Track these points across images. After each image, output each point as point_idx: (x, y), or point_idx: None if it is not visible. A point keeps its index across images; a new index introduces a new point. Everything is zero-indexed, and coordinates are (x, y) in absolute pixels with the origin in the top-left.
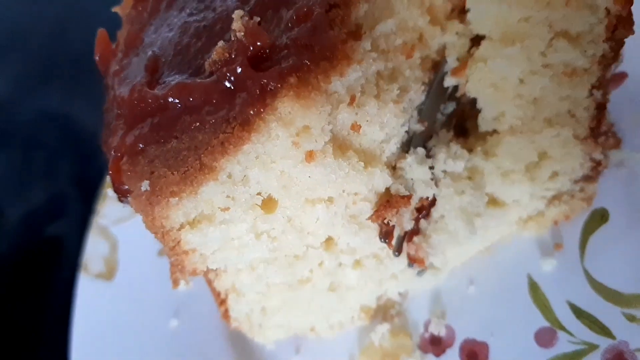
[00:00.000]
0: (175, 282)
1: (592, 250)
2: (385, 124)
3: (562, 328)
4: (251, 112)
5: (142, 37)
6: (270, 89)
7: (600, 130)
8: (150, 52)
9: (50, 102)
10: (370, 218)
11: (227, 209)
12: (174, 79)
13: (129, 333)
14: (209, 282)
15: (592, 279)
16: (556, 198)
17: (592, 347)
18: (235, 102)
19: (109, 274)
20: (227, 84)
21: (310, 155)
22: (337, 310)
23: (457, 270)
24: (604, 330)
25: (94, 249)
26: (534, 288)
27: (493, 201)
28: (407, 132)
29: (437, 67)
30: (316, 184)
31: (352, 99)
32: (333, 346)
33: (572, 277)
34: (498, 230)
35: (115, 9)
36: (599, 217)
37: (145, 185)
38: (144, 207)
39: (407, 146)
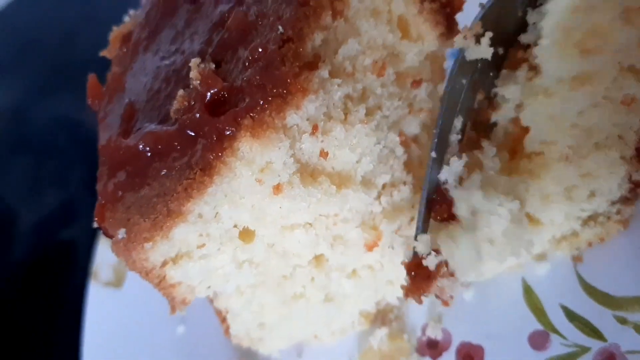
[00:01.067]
0: (173, 309)
1: (584, 254)
2: (355, 145)
3: (555, 331)
4: (211, 156)
5: (124, 81)
6: (226, 133)
7: None
8: (127, 100)
9: (63, 109)
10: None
11: (203, 245)
12: (146, 127)
13: (137, 339)
14: (210, 301)
15: (585, 283)
16: (592, 219)
17: (584, 349)
18: (197, 147)
19: (117, 281)
20: (189, 131)
21: (277, 188)
22: (337, 318)
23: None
24: (595, 333)
25: (103, 257)
26: (528, 292)
27: (528, 218)
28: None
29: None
30: (289, 213)
31: (315, 128)
32: (334, 350)
33: (565, 280)
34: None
35: (103, 53)
36: None
37: (122, 233)
38: (122, 253)
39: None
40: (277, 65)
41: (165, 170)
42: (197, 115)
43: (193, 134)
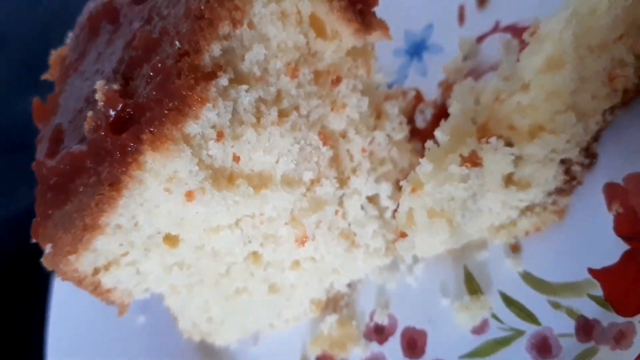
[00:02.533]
0: (120, 312)
1: (522, 242)
2: (270, 147)
3: (493, 316)
4: (118, 171)
5: (58, 103)
6: (129, 148)
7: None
8: (55, 122)
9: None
10: None
11: (127, 253)
12: (67, 148)
13: (98, 330)
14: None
15: (522, 270)
16: (528, 209)
17: (519, 332)
18: (105, 164)
19: None
20: (98, 150)
21: (189, 195)
22: (287, 307)
23: (400, 261)
24: (530, 317)
25: None
26: (468, 278)
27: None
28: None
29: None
30: (208, 216)
31: (220, 135)
32: (287, 337)
33: (504, 268)
34: (470, 233)
35: (45, 76)
36: None
37: (48, 247)
38: (52, 265)
39: None
40: (172, 79)
41: (82, 187)
42: (103, 134)
43: (103, 151)
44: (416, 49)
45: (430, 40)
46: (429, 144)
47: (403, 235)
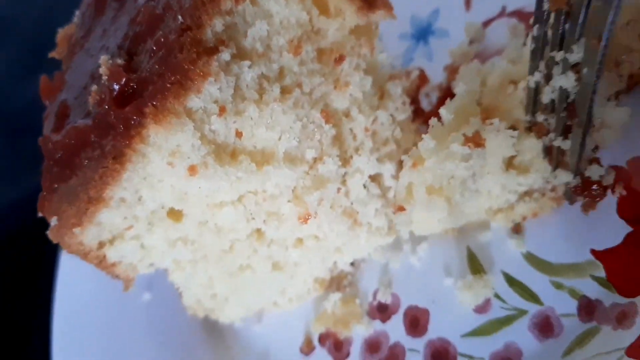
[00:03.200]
0: (126, 287)
1: (525, 224)
2: (272, 123)
3: (496, 295)
4: (121, 145)
5: (64, 80)
6: (132, 122)
7: None
8: (61, 98)
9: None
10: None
11: (130, 227)
12: (72, 122)
13: (104, 306)
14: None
15: (525, 251)
16: (527, 194)
17: (522, 312)
18: (109, 138)
19: None
20: (102, 123)
21: (192, 170)
22: (291, 285)
23: (403, 241)
24: (533, 297)
25: None
26: (471, 258)
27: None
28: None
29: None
30: (211, 192)
31: (222, 110)
32: (291, 315)
33: (507, 249)
34: (468, 214)
35: (52, 54)
36: None
37: (54, 220)
38: (57, 238)
39: None
40: (175, 53)
41: (86, 161)
42: (106, 107)
43: (107, 125)
44: (422, 33)
45: (437, 25)
46: (433, 121)
47: (401, 209)
